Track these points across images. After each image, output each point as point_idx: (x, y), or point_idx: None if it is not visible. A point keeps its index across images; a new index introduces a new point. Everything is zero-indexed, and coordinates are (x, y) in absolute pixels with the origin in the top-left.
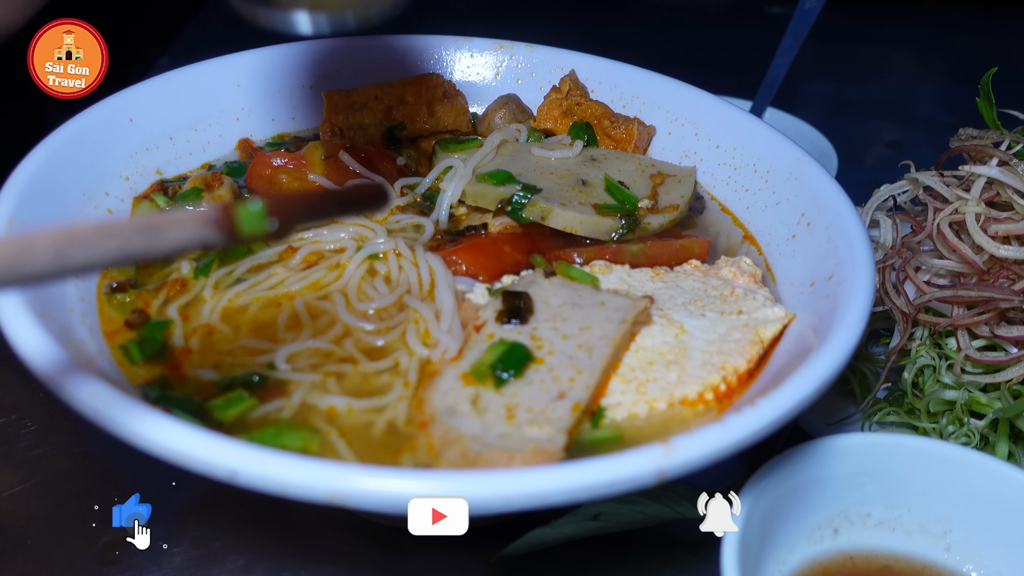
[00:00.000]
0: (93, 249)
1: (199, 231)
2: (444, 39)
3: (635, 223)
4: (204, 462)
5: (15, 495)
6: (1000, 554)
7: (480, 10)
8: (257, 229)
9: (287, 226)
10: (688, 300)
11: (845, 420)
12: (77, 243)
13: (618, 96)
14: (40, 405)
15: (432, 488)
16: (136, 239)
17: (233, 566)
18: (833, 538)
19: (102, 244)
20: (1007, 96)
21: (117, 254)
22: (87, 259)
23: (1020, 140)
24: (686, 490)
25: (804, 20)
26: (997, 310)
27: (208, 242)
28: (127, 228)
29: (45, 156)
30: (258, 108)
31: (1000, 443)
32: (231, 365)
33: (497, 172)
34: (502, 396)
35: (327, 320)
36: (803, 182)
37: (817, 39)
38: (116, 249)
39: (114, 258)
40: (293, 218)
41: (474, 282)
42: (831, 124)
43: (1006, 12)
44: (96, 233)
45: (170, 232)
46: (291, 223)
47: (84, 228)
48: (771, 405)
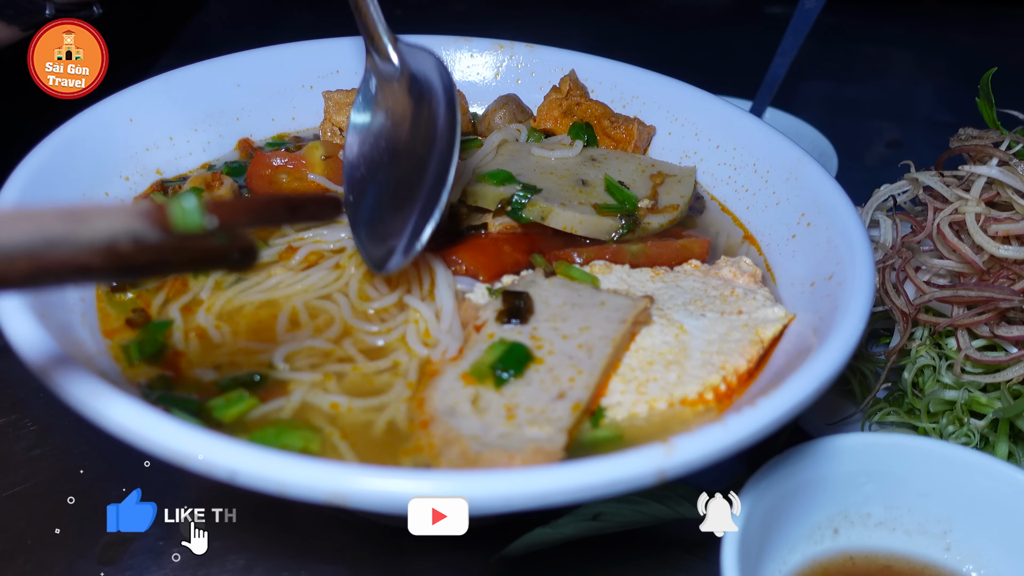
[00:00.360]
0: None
1: (128, 222)
2: (444, 39)
3: (635, 223)
4: (204, 462)
5: (15, 495)
6: (1000, 554)
7: (480, 10)
8: (192, 225)
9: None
10: (688, 300)
11: (845, 420)
12: None
13: (618, 96)
14: (40, 405)
15: (432, 488)
16: (56, 224)
17: (233, 566)
18: (833, 538)
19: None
20: (1007, 96)
21: (35, 237)
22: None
23: (1020, 140)
24: (686, 490)
25: (804, 20)
26: (997, 310)
27: (139, 235)
28: (47, 213)
29: (45, 156)
30: (258, 108)
31: (1000, 443)
32: (231, 365)
33: (497, 172)
34: (502, 396)
35: (327, 320)
36: (803, 182)
37: (817, 39)
38: (33, 231)
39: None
40: (234, 218)
41: (474, 282)
42: (831, 124)
43: (1006, 12)
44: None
45: (95, 220)
46: (233, 223)
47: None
48: (771, 405)
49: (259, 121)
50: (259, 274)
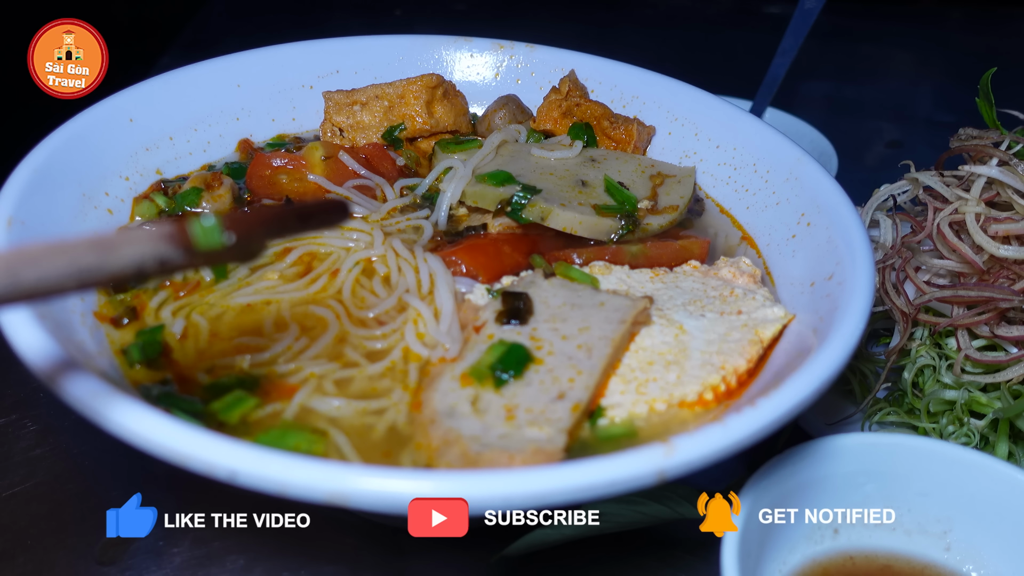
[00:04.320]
0: (45, 267)
1: (155, 247)
2: (444, 39)
3: (635, 224)
4: (204, 462)
5: (15, 495)
6: (1000, 554)
7: (480, 10)
8: (214, 243)
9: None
10: (688, 300)
11: (845, 420)
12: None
13: (618, 96)
14: (40, 405)
15: (432, 488)
16: (88, 255)
17: (233, 566)
18: (833, 538)
19: (53, 261)
20: (1007, 96)
21: (70, 271)
22: (40, 276)
23: (1020, 140)
24: (686, 490)
25: (804, 20)
26: (997, 310)
27: (165, 258)
28: (79, 245)
29: (45, 156)
30: (258, 108)
31: (1000, 443)
32: (231, 367)
33: (497, 173)
34: (502, 397)
35: (327, 322)
36: (803, 182)
37: (817, 39)
38: (67, 265)
39: (67, 275)
40: (250, 232)
41: (474, 283)
42: (831, 124)
43: (1006, 12)
44: (47, 251)
45: (124, 248)
46: (249, 237)
47: (35, 246)
48: (771, 405)
49: (259, 121)
50: (259, 276)
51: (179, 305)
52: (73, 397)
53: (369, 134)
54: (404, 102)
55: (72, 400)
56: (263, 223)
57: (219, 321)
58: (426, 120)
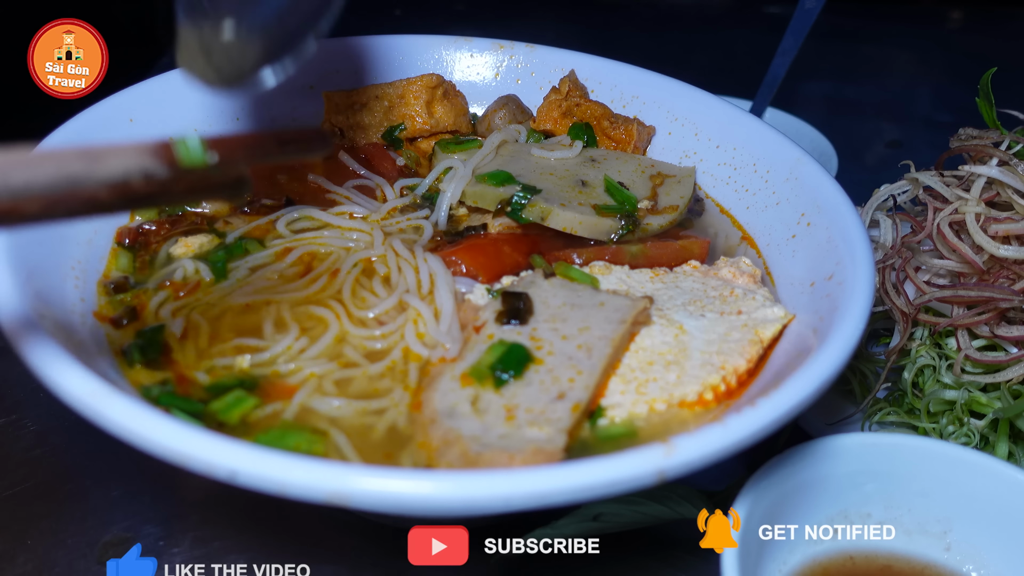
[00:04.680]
0: (33, 171)
1: (140, 159)
2: (444, 39)
3: (635, 224)
4: (204, 462)
5: (15, 495)
6: (1000, 554)
7: (480, 10)
8: (197, 160)
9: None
10: (688, 300)
11: (845, 420)
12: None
13: (618, 96)
14: (40, 405)
15: (432, 488)
16: (76, 163)
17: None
18: (833, 538)
19: (42, 166)
20: (1007, 96)
21: (58, 176)
22: (28, 179)
23: (1020, 140)
24: (686, 490)
25: (804, 20)
26: (997, 310)
27: (150, 172)
28: (67, 154)
29: None
30: (258, 108)
31: (1000, 443)
32: (231, 367)
33: (497, 173)
34: (502, 397)
35: (327, 322)
36: (803, 182)
37: (817, 39)
38: (55, 171)
39: (55, 180)
40: (232, 153)
41: (474, 283)
42: (831, 124)
43: (1006, 12)
44: (36, 157)
45: (110, 159)
46: (231, 157)
47: (23, 152)
48: (771, 405)
49: (259, 121)
50: (259, 275)
51: (179, 305)
52: (73, 397)
53: (369, 134)
54: (404, 102)
55: (72, 400)
56: (244, 145)
57: (219, 321)
58: (426, 120)
